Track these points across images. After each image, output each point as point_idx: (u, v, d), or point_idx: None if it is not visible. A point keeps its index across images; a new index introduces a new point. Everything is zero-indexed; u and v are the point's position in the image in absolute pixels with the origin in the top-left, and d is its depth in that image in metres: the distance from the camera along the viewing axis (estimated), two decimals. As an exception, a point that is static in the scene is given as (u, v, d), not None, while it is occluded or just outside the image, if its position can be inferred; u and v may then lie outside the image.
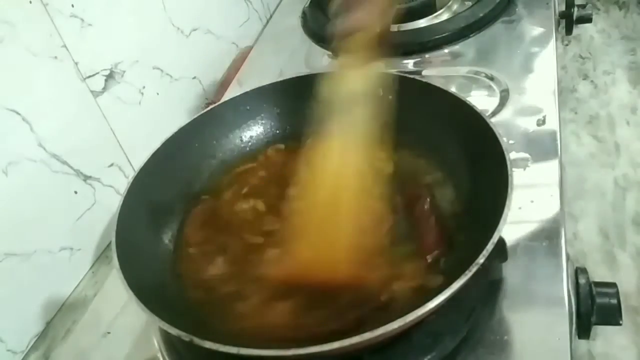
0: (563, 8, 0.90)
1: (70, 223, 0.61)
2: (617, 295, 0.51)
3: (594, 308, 0.50)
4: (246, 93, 0.64)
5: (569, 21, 0.90)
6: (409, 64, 0.80)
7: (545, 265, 0.50)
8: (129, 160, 0.68)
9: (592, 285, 0.51)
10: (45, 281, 0.58)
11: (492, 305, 0.47)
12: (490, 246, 0.40)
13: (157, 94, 0.74)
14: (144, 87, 0.71)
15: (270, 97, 0.64)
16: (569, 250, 0.51)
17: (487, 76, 0.73)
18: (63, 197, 0.60)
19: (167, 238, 0.55)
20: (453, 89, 0.57)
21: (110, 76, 0.65)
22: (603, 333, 0.94)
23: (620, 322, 0.50)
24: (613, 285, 0.51)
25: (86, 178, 0.62)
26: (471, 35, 0.81)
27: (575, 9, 0.89)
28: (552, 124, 0.63)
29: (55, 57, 0.58)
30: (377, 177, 0.56)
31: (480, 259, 0.39)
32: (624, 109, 1.34)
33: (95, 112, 0.64)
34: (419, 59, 0.80)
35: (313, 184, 0.52)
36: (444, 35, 0.81)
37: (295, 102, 0.64)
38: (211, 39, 0.86)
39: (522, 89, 0.69)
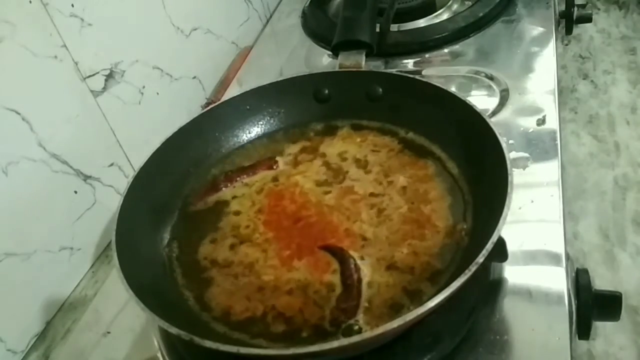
0: (563, 8, 0.90)
1: (70, 223, 0.61)
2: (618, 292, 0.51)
3: (594, 302, 0.50)
4: (246, 93, 0.64)
5: (569, 21, 0.90)
6: (409, 63, 0.80)
7: (545, 265, 0.50)
8: (129, 160, 0.68)
9: (593, 286, 0.51)
10: (45, 281, 0.58)
11: (492, 305, 0.47)
12: (490, 245, 0.40)
13: (157, 94, 0.74)
14: (144, 87, 0.71)
15: (270, 97, 0.64)
16: (569, 250, 0.51)
17: (487, 76, 0.73)
18: (63, 197, 0.60)
19: (167, 238, 0.55)
20: (453, 89, 0.57)
21: (110, 76, 0.65)
22: (603, 333, 0.94)
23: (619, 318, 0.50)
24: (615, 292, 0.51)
25: (86, 178, 0.62)
26: (471, 35, 0.81)
27: (575, 8, 0.89)
28: (552, 123, 0.63)
29: (55, 57, 0.58)
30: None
31: (480, 259, 0.39)
32: (624, 109, 1.34)
33: (95, 112, 0.64)
34: (419, 59, 0.80)
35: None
36: (444, 35, 0.81)
37: (295, 101, 0.65)
38: (211, 39, 0.86)
39: (522, 88, 0.69)
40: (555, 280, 0.48)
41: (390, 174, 0.57)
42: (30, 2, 0.55)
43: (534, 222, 0.53)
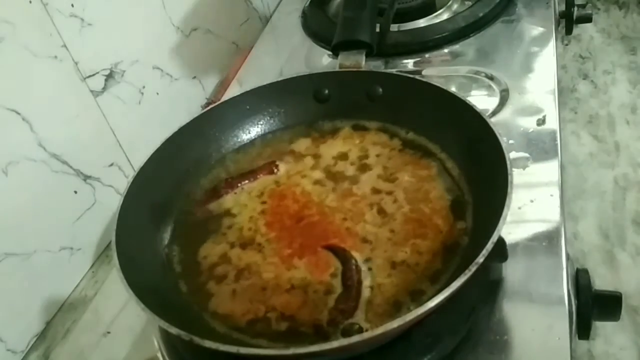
0: (563, 8, 0.90)
1: (70, 223, 0.61)
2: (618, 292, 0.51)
3: (594, 302, 0.50)
4: (246, 93, 0.64)
5: (569, 21, 0.90)
6: (409, 63, 0.80)
7: (545, 265, 0.50)
8: (129, 160, 0.68)
9: (593, 286, 0.51)
10: (45, 281, 0.58)
11: (492, 305, 0.47)
12: (490, 246, 0.40)
13: (157, 94, 0.74)
14: (144, 87, 0.71)
15: (270, 97, 0.64)
16: (569, 250, 0.51)
17: (487, 76, 0.73)
18: (63, 197, 0.60)
19: (166, 238, 0.55)
20: (453, 89, 0.57)
21: (110, 76, 0.65)
22: (603, 333, 0.94)
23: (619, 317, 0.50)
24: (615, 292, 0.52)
25: (86, 178, 0.62)
26: (471, 35, 0.81)
27: (575, 8, 0.89)
28: (552, 123, 0.63)
29: (55, 57, 0.58)
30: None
31: (480, 259, 0.39)
32: (624, 109, 1.34)
33: (95, 112, 0.64)
34: (419, 59, 0.80)
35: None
36: (444, 34, 0.81)
37: (295, 101, 0.65)
38: (211, 39, 0.86)
39: (522, 88, 0.69)
40: (555, 280, 0.48)
41: (391, 174, 0.57)
42: (30, 2, 0.55)
43: (534, 222, 0.53)
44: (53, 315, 0.59)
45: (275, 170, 0.60)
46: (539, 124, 0.64)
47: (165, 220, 0.56)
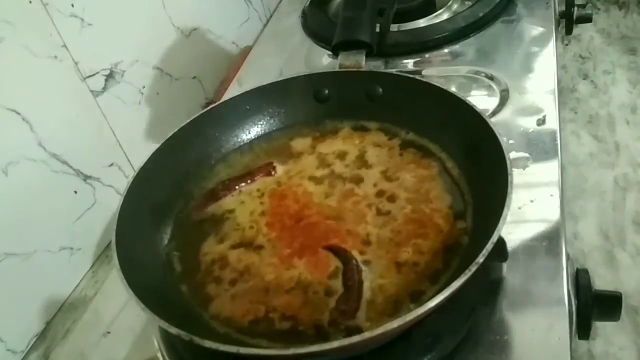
0: (563, 8, 0.90)
1: (70, 223, 0.61)
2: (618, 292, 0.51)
3: (594, 302, 0.50)
4: (246, 93, 0.64)
5: (569, 21, 0.90)
6: (409, 63, 0.80)
7: (545, 265, 0.50)
8: (129, 160, 0.68)
9: (593, 286, 0.51)
10: (45, 281, 0.58)
11: (492, 305, 0.47)
12: (489, 246, 0.40)
13: (157, 94, 0.74)
14: (143, 87, 0.71)
15: (270, 97, 0.64)
16: (569, 250, 0.51)
17: (487, 76, 0.73)
18: (63, 197, 0.60)
19: (166, 238, 0.55)
20: (453, 89, 0.57)
21: (110, 76, 0.65)
22: (603, 333, 0.94)
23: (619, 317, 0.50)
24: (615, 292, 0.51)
25: (86, 178, 0.62)
26: (471, 35, 0.81)
27: (575, 8, 0.89)
28: (552, 123, 0.63)
29: (55, 57, 0.58)
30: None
31: (480, 259, 0.39)
32: (623, 109, 1.34)
33: (95, 112, 0.64)
34: (419, 59, 0.80)
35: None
36: (444, 34, 0.81)
37: (295, 101, 0.65)
38: (211, 39, 0.86)
39: (522, 88, 0.69)
40: (555, 280, 0.48)
41: (392, 174, 0.57)
42: (30, 2, 0.55)
43: (534, 222, 0.53)
44: (53, 315, 0.59)
45: (273, 172, 0.59)
46: (539, 124, 0.64)
47: (165, 220, 0.56)
